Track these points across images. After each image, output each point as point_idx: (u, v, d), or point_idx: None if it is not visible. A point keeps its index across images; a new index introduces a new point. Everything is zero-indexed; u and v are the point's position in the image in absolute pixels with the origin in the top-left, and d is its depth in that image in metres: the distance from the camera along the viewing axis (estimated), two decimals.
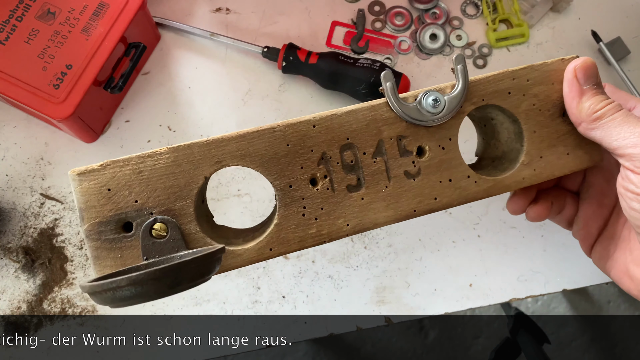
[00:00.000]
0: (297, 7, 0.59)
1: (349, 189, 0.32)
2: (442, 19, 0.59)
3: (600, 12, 0.60)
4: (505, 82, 0.34)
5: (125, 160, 0.30)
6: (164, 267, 0.24)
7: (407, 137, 0.33)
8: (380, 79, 0.32)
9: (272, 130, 0.31)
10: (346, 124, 0.32)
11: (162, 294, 0.25)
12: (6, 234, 0.51)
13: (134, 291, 0.24)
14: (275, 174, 0.31)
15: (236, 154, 0.31)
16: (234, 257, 0.31)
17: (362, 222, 0.32)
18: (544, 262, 0.54)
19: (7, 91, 0.47)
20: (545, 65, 0.35)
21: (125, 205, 0.29)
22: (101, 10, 0.49)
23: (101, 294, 0.24)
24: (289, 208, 0.31)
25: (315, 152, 0.32)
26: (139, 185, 0.30)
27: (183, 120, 0.55)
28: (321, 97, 0.56)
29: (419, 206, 0.33)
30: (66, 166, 0.53)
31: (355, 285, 0.52)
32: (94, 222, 0.29)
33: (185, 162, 0.30)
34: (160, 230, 0.29)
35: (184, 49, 0.57)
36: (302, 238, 0.31)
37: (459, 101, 0.33)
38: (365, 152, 0.32)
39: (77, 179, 0.29)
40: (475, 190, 0.34)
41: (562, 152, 0.35)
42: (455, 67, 0.33)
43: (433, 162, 0.33)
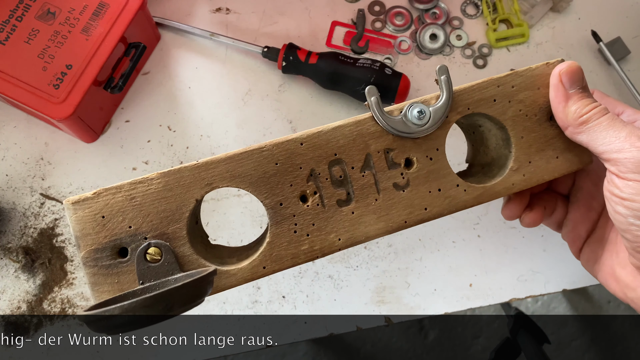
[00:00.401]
0: (297, 7, 0.59)
1: (339, 203, 0.33)
2: (442, 19, 0.59)
3: (600, 12, 0.60)
4: (490, 89, 0.34)
5: (118, 188, 0.30)
6: (154, 294, 0.25)
7: (395, 149, 0.33)
8: (365, 93, 0.33)
9: (260, 150, 0.32)
10: (333, 139, 0.33)
11: (155, 320, 0.25)
12: (6, 234, 0.51)
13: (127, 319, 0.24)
14: (265, 192, 0.32)
15: (225, 175, 0.31)
16: (228, 277, 0.31)
17: (353, 236, 0.33)
18: (544, 262, 0.54)
19: (7, 91, 0.47)
20: (529, 70, 0.35)
21: (120, 232, 0.30)
22: (101, 10, 0.49)
23: (96, 323, 0.25)
24: (281, 226, 0.32)
25: (304, 169, 0.32)
26: (132, 211, 0.30)
27: (183, 120, 0.55)
28: (321, 97, 0.56)
29: (409, 217, 0.33)
30: (66, 166, 0.53)
31: (355, 285, 0.52)
32: (90, 249, 0.30)
33: (176, 186, 0.31)
34: (155, 254, 0.30)
35: (184, 49, 0.57)
36: (295, 255, 0.32)
37: (444, 111, 0.33)
38: (354, 167, 0.33)
39: (72, 207, 0.30)
40: (465, 199, 0.34)
41: (551, 155, 0.35)
42: (439, 77, 0.33)
43: (421, 173, 0.33)
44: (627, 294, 0.35)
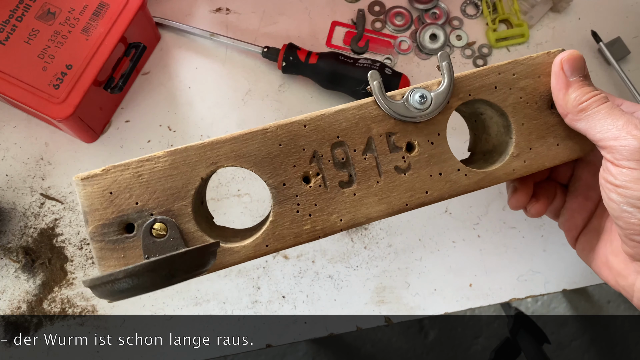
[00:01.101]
0: (297, 7, 0.59)
1: (341, 185, 0.33)
2: (442, 19, 0.59)
3: (600, 12, 0.60)
4: (491, 77, 0.35)
5: (126, 165, 0.31)
6: (158, 258, 0.25)
7: (396, 133, 0.34)
8: (368, 78, 0.33)
9: (265, 131, 0.32)
10: (336, 122, 0.33)
11: (158, 285, 0.26)
12: (6, 234, 0.51)
13: (131, 283, 0.25)
14: (269, 173, 0.32)
15: (230, 155, 0.32)
16: (232, 253, 0.32)
17: (355, 217, 0.33)
18: (544, 262, 0.54)
19: (7, 91, 0.47)
20: (530, 59, 0.35)
21: (127, 208, 0.31)
22: (101, 10, 0.49)
23: (101, 287, 0.25)
24: (283, 205, 0.32)
25: (307, 150, 0.33)
26: (139, 188, 0.31)
27: (183, 120, 0.55)
28: (321, 97, 0.56)
29: (410, 200, 0.34)
30: (66, 166, 0.53)
31: (355, 285, 0.52)
32: (98, 225, 0.30)
33: (182, 165, 0.31)
34: (160, 229, 0.30)
35: (184, 49, 0.57)
36: (297, 234, 0.32)
37: (446, 97, 0.34)
38: (356, 149, 0.33)
39: (80, 184, 0.30)
40: (466, 183, 0.34)
41: (551, 143, 0.36)
42: (441, 63, 0.34)
43: (423, 156, 0.34)
44: (619, 282, 0.35)
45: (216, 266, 0.31)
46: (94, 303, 0.51)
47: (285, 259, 0.53)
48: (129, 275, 0.25)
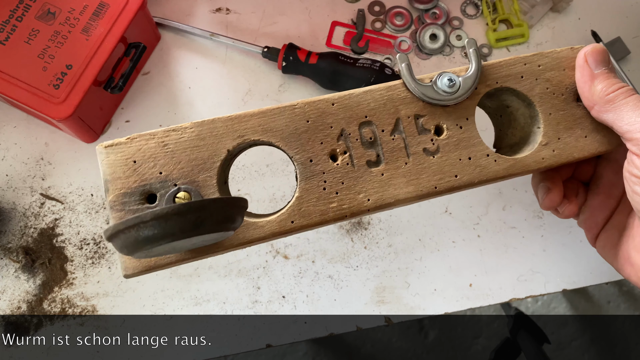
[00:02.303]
0: (297, 7, 0.59)
1: (369, 164, 0.33)
2: (442, 19, 0.59)
3: (600, 12, 0.60)
4: (517, 66, 0.35)
5: (151, 134, 0.30)
6: (188, 202, 0.24)
7: (424, 116, 0.34)
8: (397, 59, 0.34)
9: (293, 107, 0.32)
10: (364, 102, 0.33)
11: (186, 233, 0.24)
12: (6, 234, 0.51)
13: (158, 227, 0.23)
14: (296, 148, 0.32)
15: (258, 128, 0.32)
16: (256, 228, 0.31)
17: (383, 197, 0.33)
18: (544, 262, 0.54)
19: (7, 91, 0.47)
20: (555, 52, 0.36)
21: (150, 177, 0.30)
22: (101, 10, 0.49)
23: (125, 233, 0.24)
24: (310, 182, 0.32)
25: (335, 128, 0.33)
26: (164, 158, 0.30)
27: (183, 121, 0.55)
28: None
29: (439, 183, 0.33)
30: (66, 166, 0.53)
31: (355, 285, 0.52)
32: (119, 193, 0.30)
33: (209, 136, 0.31)
34: (184, 198, 0.30)
35: (184, 49, 0.57)
36: (324, 212, 0.32)
37: (474, 82, 0.34)
38: (384, 130, 0.33)
39: (104, 151, 0.30)
40: (496, 169, 0.34)
41: (579, 134, 0.36)
42: (468, 50, 0.34)
43: (451, 140, 0.34)
44: None
45: (240, 240, 0.31)
46: (94, 303, 0.51)
47: (285, 259, 0.53)
48: (156, 217, 0.23)
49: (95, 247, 0.52)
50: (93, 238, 0.52)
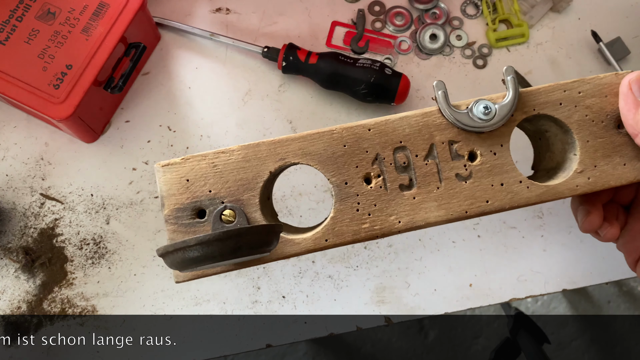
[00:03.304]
0: (297, 7, 0.59)
1: (402, 188, 0.34)
2: (442, 19, 0.59)
3: (600, 12, 0.60)
4: (556, 93, 0.35)
5: (203, 156, 0.34)
6: (228, 229, 0.28)
7: (459, 142, 0.34)
8: (433, 87, 0.34)
9: (331, 132, 0.34)
10: (399, 128, 0.34)
11: (225, 256, 0.27)
12: (6, 234, 0.51)
13: (201, 251, 0.27)
14: (333, 171, 0.34)
15: (298, 152, 0.34)
16: (293, 245, 0.33)
17: (413, 220, 0.34)
18: (544, 262, 0.54)
19: (7, 91, 0.47)
20: (597, 78, 0.36)
21: (201, 194, 0.33)
22: (101, 10, 0.49)
23: (173, 254, 0.27)
24: (344, 203, 0.34)
25: (370, 153, 0.34)
26: (213, 177, 0.33)
27: (183, 121, 0.55)
28: (321, 97, 0.56)
29: (470, 208, 0.34)
30: (66, 166, 0.53)
31: (355, 285, 0.52)
32: (173, 208, 0.33)
33: (254, 158, 0.34)
34: (229, 216, 0.33)
35: (184, 49, 0.57)
36: (356, 232, 0.34)
37: (510, 110, 0.34)
38: (418, 155, 0.34)
39: (161, 170, 0.33)
40: (528, 196, 0.34)
41: (618, 162, 0.35)
42: (506, 77, 0.35)
43: (485, 166, 0.34)
44: None
45: (277, 255, 0.33)
46: (94, 303, 0.51)
47: (286, 259, 0.53)
48: (199, 242, 0.27)
49: (95, 247, 0.52)
50: (93, 238, 0.52)
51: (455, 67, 0.58)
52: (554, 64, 0.58)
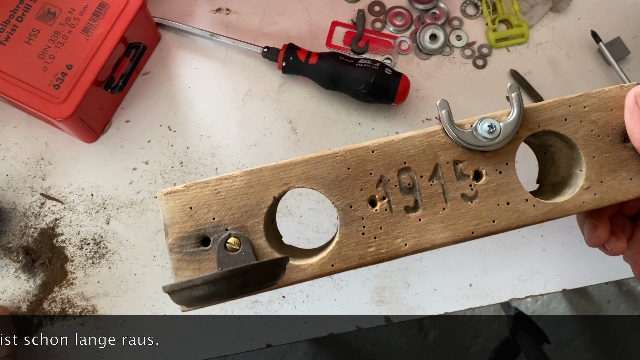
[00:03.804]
0: (297, 7, 0.59)
1: (407, 210, 0.34)
2: (442, 19, 0.59)
3: (600, 12, 0.60)
4: (561, 109, 0.35)
5: (206, 182, 0.33)
6: (234, 268, 0.27)
7: (464, 161, 0.34)
8: (436, 106, 0.34)
9: (334, 155, 0.34)
10: (403, 149, 0.34)
11: (232, 294, 0.27)
12: (6, 234, 0.51)
13: (207, 290, 0.27)
14: (337, 195, 0.33)
15: (301, 176, 0.33)
16: (299, 271, 0.33)
17: (419, 242, 0.33)
18: (543, 262, 0.54)
19: (8, 91, 0.47)
20: (602, 92, 0.35)
21: (205, 222, 0.33)
22: (101, 10, 0.49)
23: (180, 292, 0.27)
24: (349, 227, 0.33)
25: (374, 175, 0.34)
26: (217, 204, 0.33)
27: (183, 121, 0.55)
28: (321, 97, 0.56)
29: (476, 228, 0.34)
30: (66, 166, 0.53)
31: (355, 285, 0.52)
32: (177, 237, 0.32)
33: (257, 184, 0.33)
34: (234, 244, 0.32)
35: (184, 49, 0.57)
36: (362, 256, 0.33)
37: (515, 127, 0.34)
38: (422, 176, 0.34)
39: (164, 198, 0.33)
40: (534, 214, 0.34)
41: (624, 177, 0.35)
42: (510, 95, 0.34)
43: (490, 185, 0.34)
44: None
45: (283, 282, 0.33)
46: (94, 303, 0.51)
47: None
48: (206, 282, 0.26)
49: (96, 247, 0.52)
50: (93, 238, 0.52)
51: (455, 67, 0.58)
52: (553, 64, 0.58)
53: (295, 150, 0.55)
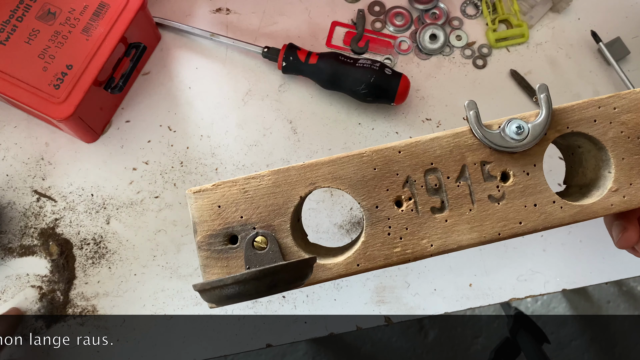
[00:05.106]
0: (297, 7, 0.59)
1: (433, 211, 0.34)
2: (441, 19, 0.59)
3: (600, 12, 0.60)
4: (590, 110, 0.35)
5: (234, 182, 0.33)
6: (263, 268, 0.28)
7: (491, 162, 0.34)
8: (464, 107, 0.34)
9: (361, 155, 0.34)
10: (430, 149, 0.34)
11: (261, 293, 0.28)
12: (6, 234, 0.51)
13: (237, 289, 0.27)
14: (363, 195, 0.34)
15: (328, 176, 0.34)
16: (324, 270, 0.33)
17: (445, 243, 0.34)
18: (543, 262, 0.54)
19: (8, 91, 0.47)
20: (633, 93, 0.35)
21: (232, 221, 0.33)
22: (101, 10, 0.49)
23: (210, 291, 0.28)
24: (375, 227, 0.33)
25: (401, 175, 0.34)
26: (245, 203, 0.33)
27: (183, 121, 0.55)
28: (321, 97, 0.56)
29: (503, 230, 0.34)
30: (66, 166, 0.53)
31: (355, 285, 0.52)
32: (206, 235, 0.33)
33: (284, 184, 0.33)
34: (261, 242, 0.33)
35: (184, 49, 0.57)
36: (388, 256, 0.33)
37: (543, 128, 0.33)
38: (449, 177, 0.34)
39: (193, 197, 0.33)
40: (561, 216, 0.34)
41: None
42: (539, 95, 0.34)
43: (517, 187, 0.34)
44: None
45: (310, 281, 0.33)
46: (94, 303, 0.51)
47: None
48: (236, 282, 0.27)
49: (96, 247, 0.52)
50: (93, 238, 0.52)
51: (455, 67, 0.58)
52: (553, 64, 0.58)
53: (295, 150, 0.55)
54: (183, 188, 0.53)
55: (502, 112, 0.52)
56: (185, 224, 0.52)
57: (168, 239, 0.52)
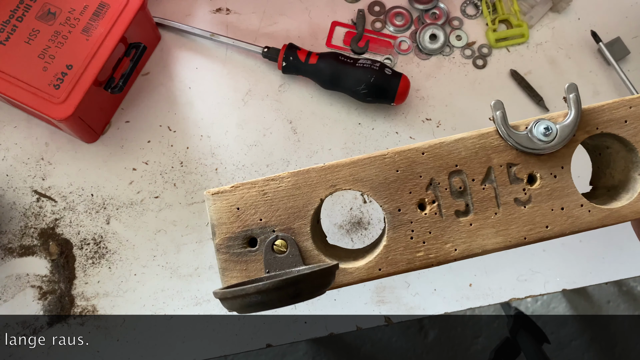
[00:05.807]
0: (297, 7, 0.59)
1: (457, 214, 0.33)
2: (441, 19, 0.59)
3: (600, 12, 0.60)
4: (621, 110, 0.34)
5: (253, 183, 0.33)
6: (287, 278, 0.27)
7: (518, 164, 0.33)
8: (490, 107, 0.33)
9: (383, 157, 0.33)
10: (455, 151, 0.33)
11: (284, 303, 0.27)
12: (6, 234, 0.51)
13: (260, 298, 0.27)
14: (385, 197, 0.33)
15: (349, 178, 0.33)
16: (346, 274, 0.33)
17: (470, 248, 0.33)
18: (543, 262, 0.54)
19: (8, 91, 0.47)
20: None
21: (251, 223, 0.33)
22: (101, 10, 0.49)
23: (232, 300, 0.27)
24: (398, 231, 0.33)
25: (424, 178, 0.33)
26: (264, 205, 0.33)
27: (183, 121, 0.55)
28: (321, 97, 0.56)
29: (529, 234, 0.33)
30: (66, 166, 0.53)
31: (355, 285, 0.52)
32: (224, 237, 0.32)
33: (304, 185, 0.33)
34: (281, 246, 0.32)
35: (184, 50, 0.57)
36: (410, 260, 0.33)
37: (572, 130, 0.33)
38: (474, 179, 0.33)
39: (211, 198, 0.33)
40: (589, 220, 0.33)
41: None
42: (568, 96, 0.33)
43: (544, 190, 0.33)
44: None
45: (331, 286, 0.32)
46: (94, 303, 0.51)
47: None
48: (258, 291, 0.27)
49: (96, 247, 0.52)
50: (93, 238, 0.52)
51: (455, 67, 0.58)
52: (553, 64, 0.58)
53: (295, 150, 0.55)
54: (183, 188, 0.53)
55: None
56: (185, 224, 0.52)
57: (168, 239, 0.52)
